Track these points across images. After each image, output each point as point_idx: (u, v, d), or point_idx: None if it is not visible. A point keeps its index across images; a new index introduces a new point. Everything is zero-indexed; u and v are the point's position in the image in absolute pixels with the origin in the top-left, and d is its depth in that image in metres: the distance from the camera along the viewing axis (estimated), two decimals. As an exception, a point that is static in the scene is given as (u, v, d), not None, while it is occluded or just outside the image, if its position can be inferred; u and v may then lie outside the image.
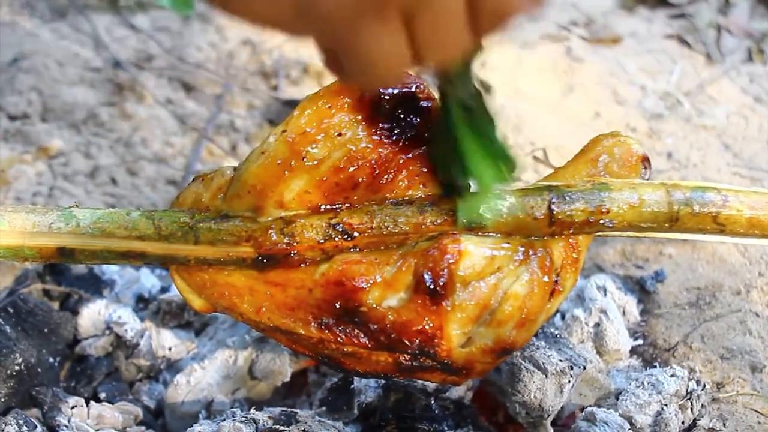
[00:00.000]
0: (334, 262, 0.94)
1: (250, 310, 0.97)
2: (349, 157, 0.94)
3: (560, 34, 2.80)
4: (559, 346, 1.35)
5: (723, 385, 1.48)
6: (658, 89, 2.54)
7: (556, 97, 2.48)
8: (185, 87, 2.39)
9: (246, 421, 1.22)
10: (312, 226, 0.94)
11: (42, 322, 1.44)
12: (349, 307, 0.94)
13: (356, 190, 0.95)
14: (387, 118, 0.95)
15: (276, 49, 2.57)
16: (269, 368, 1.41)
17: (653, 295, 1.69)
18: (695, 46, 2.79)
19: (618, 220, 0.99)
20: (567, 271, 1.00)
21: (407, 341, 0.94)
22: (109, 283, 1.58)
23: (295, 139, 0.93)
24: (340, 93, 0.95)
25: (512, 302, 0.95)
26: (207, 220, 1.00)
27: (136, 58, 2.47)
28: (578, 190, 0.99)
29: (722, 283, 1.70)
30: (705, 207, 1.01)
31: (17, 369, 1.35)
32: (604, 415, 1.32)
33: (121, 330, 1.46)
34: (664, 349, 1.57)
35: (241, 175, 0.96)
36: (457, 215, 0.96)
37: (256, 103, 2.36)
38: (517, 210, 0.97)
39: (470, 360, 0.98)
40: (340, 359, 1.00)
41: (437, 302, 0.93)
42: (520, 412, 1.30)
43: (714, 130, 2.34)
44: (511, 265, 0.95)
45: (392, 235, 0.95)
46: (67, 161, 2.04)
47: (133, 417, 1.37)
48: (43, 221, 1.03)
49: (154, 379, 1.49)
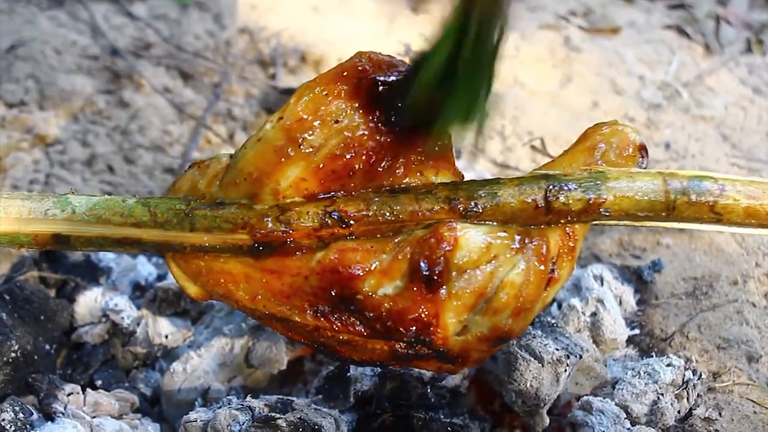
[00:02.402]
0: (330, 250, 0.94)
1: (246, 298, 0.97)
2: (346, 144, 0.94)
3: (559, 24, 2.80)
4: (555, 335, 1.35)
5: (719, 375, 1.48)
6: (656, 80, 2.53)
7: (554, 87, 2.48)
8: (183, 75, 2.38)
9: (242, 408, 1.22)
10: (308, 214, 0.94)
11: (38, 309, 1.44)
12: (345, 295, 0.94)
13: (353, 178, 0.95)
14: (384, 105, 0.95)
15: (274, 38, 2.56)
16: (265, 356, 1.41)
17: (650, 285, 1.69)
18: (694, 37, 2.79)
19: (615, 209, 0.99)
20: (563, 259, 1.00)
21: (403, 329, 0.94)
22: (106, 271, 1.58)
23: (291, 126, 0.93)
24: (337, 80, 0.95)
25: (508, 290, 0.95)
26: (203, 207, 1.00)
27: (134, 46, 2.46)
28: (575, 178, 0.99)
29: (719, 273, 1.70)
30: (702, 196, 1.01)
31: (13, 356, 1.35)
32: (600, 404, 1.32)
33: (117, 317, 1.46)
34: (661, 339, 1.57)
35: (237, 162, 0.96)
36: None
37: (254, 91, 2.35)
38: (514, 198, 0.97)
39: (466, 348, 0.98)
40: (336, 347, 0.99)
41: (433, 290, 0.93)
42: (516, 401, 1.30)
43: (712, 120, 2.34)
44: (508, 253, 0.95)
45: (388, 223, 0.95)
46: (64, 149, 2.04)
47: (129, 404, 1.37)
48: (38, 208, 1.03)
49: (151, 367, 1.49)
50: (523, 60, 2.59)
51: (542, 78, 2.52)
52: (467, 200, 0.95)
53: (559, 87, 2.48)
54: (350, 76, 0.94)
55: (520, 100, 2.39)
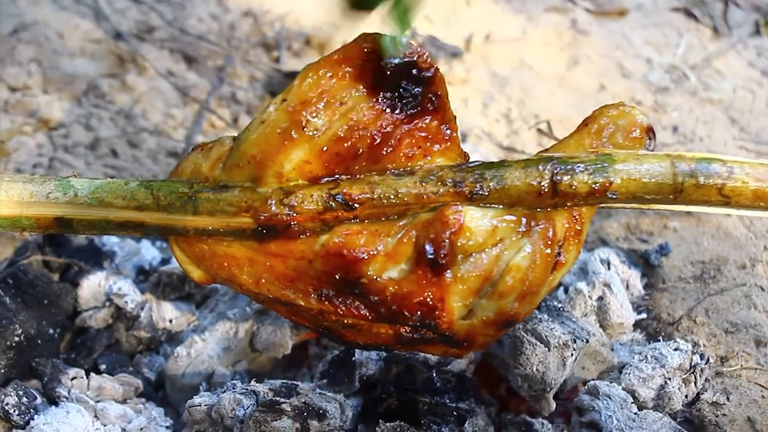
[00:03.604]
0: (335, 234, 0.93)
1: (250, 282, 0.96)
2: (350, 126, 0.93)
3: (565, 7, 2.78)
4: (562, 319, 1.34)
5: (727, 359, 1.47)
6: (664, 62, 2.52)
7: (560, 70, 2.47)
8: (186, 59, 2.37)
9: (246, 393, 1.22)
10: (312, 197, 0.93)
11: (42, 293, 1.43)
12: (350, 279, 0.93)
13: (357, 161, 0.94)
14: (389, 87, 0.94)
15: (278, 21, 2.55)
16: (270, 340, 1.40)
17: (657, 269, 1.68)
18: (702, 19, 2.77)
19: (622, 192, 0.98)
20: (570, 243, 0.99)
21: (408, 313, 0.94)
22: (110, 255, 1.57)
23: (295, 108, 0.92)
24: (342, 62, 0.94)
25: (514, 274, 0.94)
26: (206, 190, 0.99)
27: (137, 29, 2.45)
28: (582, 161, 0.97)
29: (727, 257, 1.69)
30: (710, 178, 0.99)
31: (17, 340, 1.34)
32: (606, 388, 1.32)
33: (121, 302, 1.46)
34: (668, 323, 1.56)
35: (241, 145, 0.95)
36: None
37: (258, 74, 2.34)
38: (520, 181, 0.96)
39: (472, 332, 0.97)
40: (341, 331, 0.99)
41: (438, 274, 0.92)
42: (522, 385, 1.30)
43: (720, 103, 2.32)
44: (514, 236, 0.94)
45: (393, 206, 0.94)
46: (67, 133, 2.03)
47: (133, 389, 1.37)
48: (40, 191, 1.02)
49: (155, 351, 1.49)
50: (529, 43, 2.58)
51: (549, 61, 2.51)
52: (473, 183, 0.94)
53: (565, 70, 2.47)
54: (355, 58, 0.93)
55: (527, 83, 2.38)
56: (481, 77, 2.41)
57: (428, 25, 2.58)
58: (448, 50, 2.47)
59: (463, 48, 2.51)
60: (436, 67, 0.96)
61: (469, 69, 2.44)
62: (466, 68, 2.44)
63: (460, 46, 2.52)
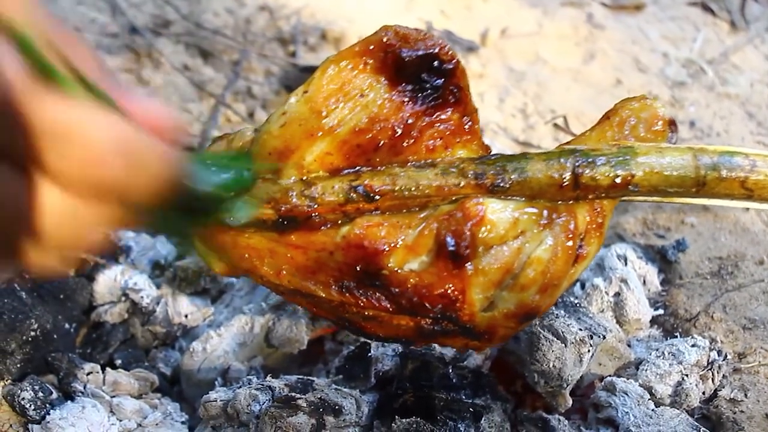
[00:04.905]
0: (356, 225, 0.92)
1: (271, 273, 0.96)
2: (371, 118, 0.92)
3: (582, 1, 2.77)
4: (578, 315, 1.34)
5: (745, 356, 1.46)
6: (680, 57, 2.51)
7: (576, 64, 2.46)
8: (202, 53, 2.37)
9: (262, 388, 1.22)
10: (333, 188, 0.92)
11: (57, 288, 1.43)
12: (370, 270, 0.92)
13: (378, 153, 0.93)
14: (410, 79, 0.93)
15: (294, 15, 2.55)
16: (286, 336, 1.40)
17: (674, 265, 1.67)
18: (719, 13, 2.75)
19: (644, 185, 0.97)
20: (591, 236, 0.98)
21: (429, 305, 0.93)
22: (125, 250, 1.57)
23: (316, 100, 0.91)
24: (363, 54, 0.93)
25: (535, 266, 0.93)
26: (226, 182, 0.98)
27: (153, 23, 2.45)
28: (604, 153, 0.97)
29: (745, 252, 1.68)
30: (733, 171, 0.98)
31: (33, 335, 1.34)
32: (623, 385, 1.31)
33: (137, 296, 1.46)
34: (685, 319, 1.55)
35: (262, 137, 0.94)
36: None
37: (274, 69, 2.34)
38: (542, 173, 0.95)
39: (492, 324, 0.96)
40: (361, 323, 0.98)
41: (459, 266, 0.91)
42: (538, 382, 1.29)
43: (737, 98, 2.31)
44: (535, 228, 0.93)
45: (414, 198, 0.93)
46: (83, 127, 2.03)
47: (148, 384, 1.37)
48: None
49: (170, 346, 1.49)
50: (545, 37, 2.57)
51: (565, 55, 2.50)
52: (494, 175, 0.94)
53: (582, 64, 2.46)
54: (376, 50, 0.93)
55: (542, 78, 2.37)
56: (497, 72, 2.40)
57: (444, 20, 2.58)
58: (463, 45, 2.47)
59: (478, 42, 2.51)
60: (458, 59, 0.95)
61: (485, 64, 2.43)
62: (481, 63, 2.43)
63: (475, 40, 2.51)
